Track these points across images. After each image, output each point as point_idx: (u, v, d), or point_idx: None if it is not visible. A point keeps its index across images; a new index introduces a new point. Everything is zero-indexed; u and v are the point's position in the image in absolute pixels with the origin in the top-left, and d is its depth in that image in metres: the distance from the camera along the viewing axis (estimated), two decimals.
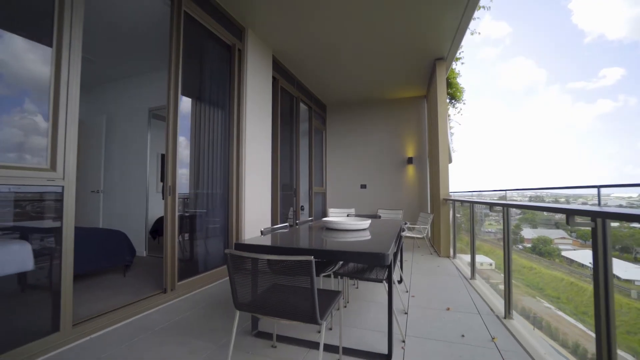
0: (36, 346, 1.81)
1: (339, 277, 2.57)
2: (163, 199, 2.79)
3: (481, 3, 3.87)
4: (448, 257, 4.74)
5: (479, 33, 5.72)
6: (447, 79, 6.47)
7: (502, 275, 2.50)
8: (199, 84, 3.38)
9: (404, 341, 2.05)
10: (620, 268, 3.07)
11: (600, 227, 1.25)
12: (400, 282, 3.31)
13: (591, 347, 2.42)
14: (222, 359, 1.82)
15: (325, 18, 3.81)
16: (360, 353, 1.89)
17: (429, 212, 6.06)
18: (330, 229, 2.62)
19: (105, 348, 1.96)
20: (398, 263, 3.43)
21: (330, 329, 2.22)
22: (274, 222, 4.72)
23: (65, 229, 1.96)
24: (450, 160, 19.11)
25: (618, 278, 3.02)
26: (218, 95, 3.62)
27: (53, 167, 1.91)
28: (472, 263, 3.59)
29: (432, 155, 5.78)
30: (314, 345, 1.98)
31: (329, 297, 1.64)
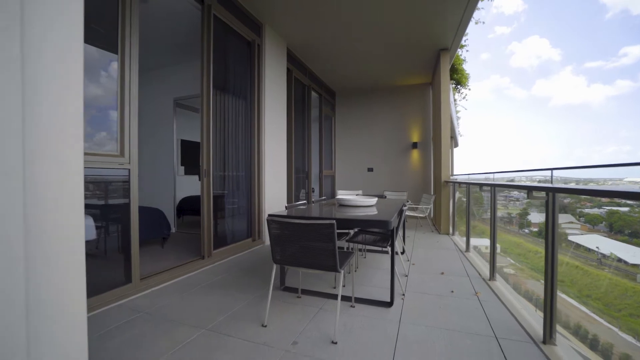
0: (115, 293, 2.34)
1: (350, 247, 3.04)
2: (199, 180, 3.27)
3: None
4: (448, 234, 5.20)
5: (483, 22, 5.97)
6: (453, 65, 6.73)
7: (505, 257, 2.96)
8: (224, 77, 3.78)
9: (403, 294, 2.54)
10: (629, 253, 3.19)
11: (551, 198, 1.68)
12: (402, 253, 3.79)
13: (593, 329, 2.75)
14: (261, 304, 2.33)
15: (336, 12, 4.12)
16: (368, 301, 2.38)
17: (432, 193, 6.48)
18: (343, 205, 3.08)
19: (165, 297, 2.49)
20: (401, 237, 3.90)
21: (344, 286, 2.72)
22: (288, 202, 5.20)
23: (132, 204, 2.45)
24: (456, 145, 19.12)
25: (625, 262, 3.24)
26: (240, 86, 4.02)
27: (122, 153, 2.38)
28: (467, 238, 4.04)
29: (435, 141, 6.14)
30: (331, 296, 2.48)
31: (345, 255, 2.11)
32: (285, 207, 2.87)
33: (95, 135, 2.35)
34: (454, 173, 16.00)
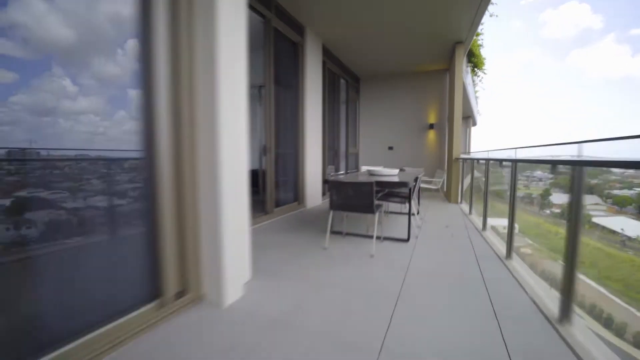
0: None
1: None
2: (264, 155, 4.36)
3: None
4: (456, 203, 6.17)
5: (497, 16, 6.61)
6: (470, 50, 7.40)
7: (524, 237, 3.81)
8: (277, 73, 4.77)
9: (417, 236, 3.60)
10: None
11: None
12: (418, 214, 4.82)
13: (610, 309, 2.75)
14: (318, 239, 3.45)
15: (364, 13, 4.92)
16: (392, 239, 3.46)
17: (445, 169, 7.39)
18: (372, 174, 4.11)
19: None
20: (416, 202, 4.91)
21: (379, 223, 3.80)
22: (323, 174, 6.27)
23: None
24: (474, 123, 19.51)
25: None
26: (289, 79, 5.01)
27: None
28: (470, 204, 5.01)
29: (449, 122, 6.97)
30: (365, 236, 3.57)
31: (377, 205, 3.17)
32: (331, 175, 3.93)
33: None
34: (472, 150, 16.57)
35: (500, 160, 3.46)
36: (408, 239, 3.41)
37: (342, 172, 7.63)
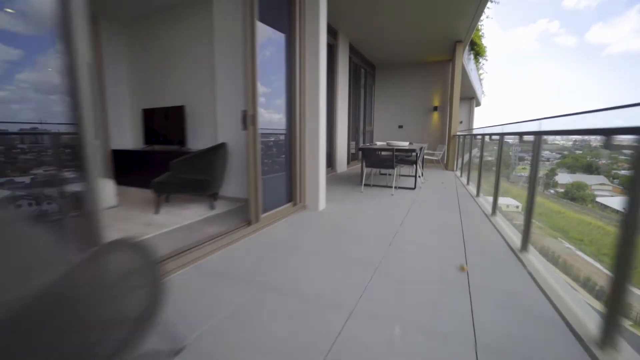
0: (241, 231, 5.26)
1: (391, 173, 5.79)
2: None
3: None
4: (452, 170, 7.85)
5: (492, 17, 7.99)
6: (472, 39, 8.78)
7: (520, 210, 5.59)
8: None
9: (420, 187, 5.34)
10: None
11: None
12: (422, 175, 6.53)
13: (587, 272, 2.95)
14: (355, 189, 5.20)
15: (383, 17, 6.43)
16: (403, 188, 5.20)
17: (445, 144, 9.01)
18: (390, 144, 5.78)
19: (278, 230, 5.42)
20: (421, 168, 6.60)
21: (397, 177, 5.53)
22: (347, 147, 7.94)
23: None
24: (477, 104, 20.96)
25: None
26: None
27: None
28: (461, 169, 6.69)
29: (450, 106, 8.51)
30: (385, 187, 5.30)
31: (395, 164, 4.89)
32: (361, 146, 5.61)
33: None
34: (474, 127, 17.96)
35: (483, 135, 5.10)
36: (414, 188, 5.15)
37: (363, 145, 9.30)
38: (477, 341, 1.37)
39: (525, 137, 2.66)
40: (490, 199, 3.72)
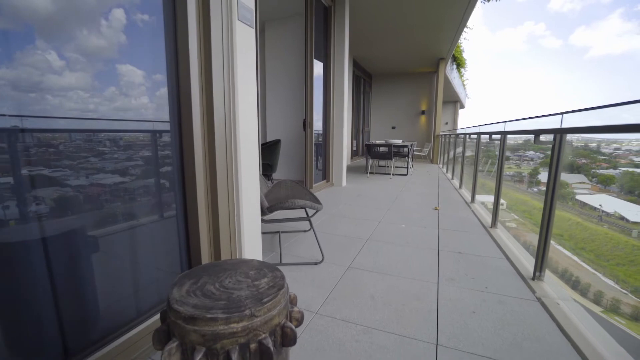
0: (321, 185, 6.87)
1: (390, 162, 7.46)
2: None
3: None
4: (437, 164, 9.58)
5: (470, 39, 9.73)
6: (454, 55, 10.52)
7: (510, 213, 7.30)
8: None
9: (411, 174, 7.03)
10: (632, 212, 3.30)
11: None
12: (412, 167, 8.23)
13: (576, 272, 3.11)
14: (362, 175, 6.85)
15: (380, 40, 8.09)
16: (398, 175, 6.88)
17: (431, 142, 10.75)
18: (387, 141, 7.44)
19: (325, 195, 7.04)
20: (411, 161, 8.31)
21: (391, 170, 7.19)
22: (350, 145, 9.57)
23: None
24: (462, 106, 23.24)
25: (626, 220, 3.41)
26: None
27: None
28: (447, 164, 8.41)
29: (435, 111, 10.24)
30: (385, 173, 6.97)
31: (392, 156, 6.56)
32: (367, 143, 7.24)
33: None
34: (458, 127, 19.88)
35: (458, 134, 6.80)
36: (407, 175, 6.83)
37: (368, 142, 10.97)
38: (439, 226, 3.03)
39: (494, 136, 3.42)
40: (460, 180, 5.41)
